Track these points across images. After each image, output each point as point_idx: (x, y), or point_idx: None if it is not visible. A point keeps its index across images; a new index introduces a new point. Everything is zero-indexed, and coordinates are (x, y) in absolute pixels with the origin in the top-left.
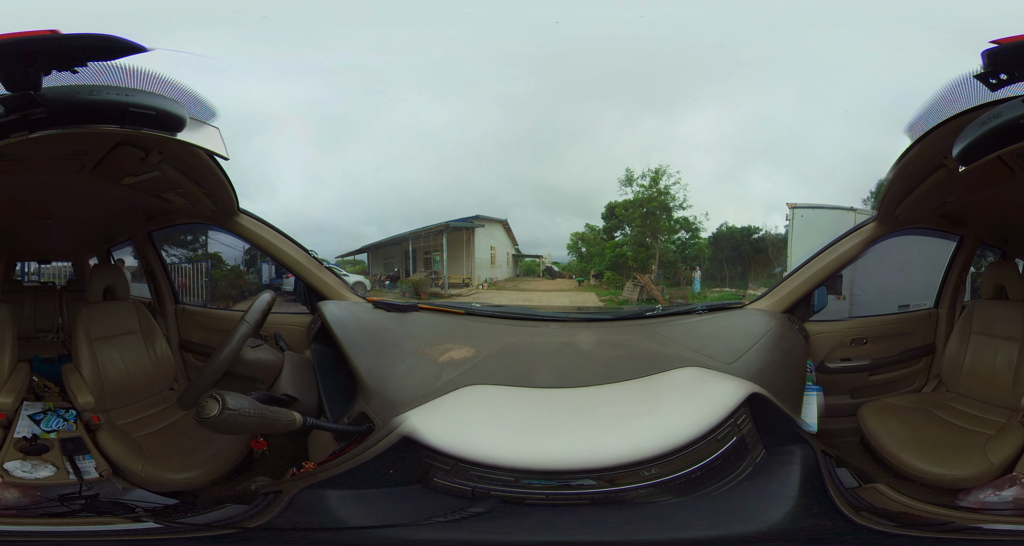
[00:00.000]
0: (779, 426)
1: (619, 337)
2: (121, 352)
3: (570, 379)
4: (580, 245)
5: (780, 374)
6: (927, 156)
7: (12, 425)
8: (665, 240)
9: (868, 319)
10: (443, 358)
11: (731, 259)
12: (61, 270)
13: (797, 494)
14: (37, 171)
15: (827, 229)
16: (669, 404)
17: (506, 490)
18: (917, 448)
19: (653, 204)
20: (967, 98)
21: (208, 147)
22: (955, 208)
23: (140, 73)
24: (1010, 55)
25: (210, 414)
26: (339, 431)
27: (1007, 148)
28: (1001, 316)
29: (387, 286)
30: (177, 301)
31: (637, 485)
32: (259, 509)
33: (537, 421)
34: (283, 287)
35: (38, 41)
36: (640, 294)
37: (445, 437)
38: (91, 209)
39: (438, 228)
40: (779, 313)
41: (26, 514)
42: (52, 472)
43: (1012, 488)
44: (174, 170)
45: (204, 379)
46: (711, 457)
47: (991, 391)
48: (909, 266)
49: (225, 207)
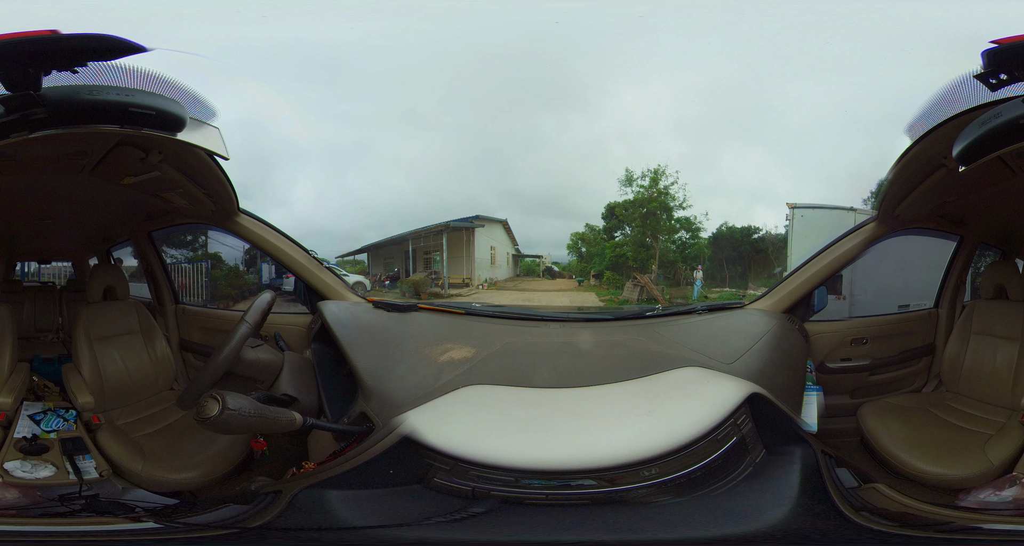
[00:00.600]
0: (779, 426)
1: (619, 337)
2: (121, 352)
3: (570, 379)
4: (580, 245)
5: (780, 374)
6: (927, 156)
7: (12, 425)
8: (665, 240)
9: (868, 319)
10: (443, 358)
11: (731, 259)
12: (61, 270)
13: (797, 494)
14: (37, 171)
15: (827, 229)
16: (669, 404)
17: (506, 490)
18: (917, 448)
19: (653, 204)
20: (967, 98)
21: (208, 147)
22: (955, 208)
23: (140, 73)
24: (1010, 55)
25: (210, 414)
26: (339, 431)
27: (1007, 148)
28: (1001, 316)
29: (387, 286)
30: (177, 301)
31: (637, 485)
32: (259, 509)
33: (537, 421)
34: (283, 287)
35: (38, 41)
36: (640, 294)
37: (445, 437)
38: (91, 209)
39: (438, 228)
40: (779, 313)
41: (26, 514)
42: (52, 472)
43: (1012, 488)
44: (174, 170)
45: (204, 379)
46: (711, 457)
47: (991, 391)
48: (909, 266)
49: (225, 207)
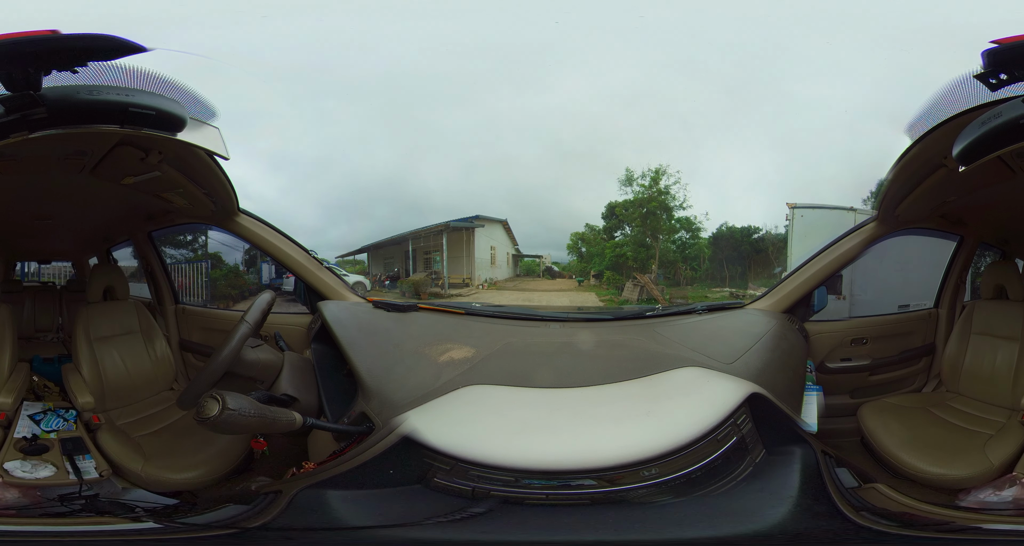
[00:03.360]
0: (779, 426)
1: (619, 337)
2: (121, 352)
3: (570, 379)
4: (580, 245)
5: (780, 374)
6: (927, 156)
7: (12, 425)
8: (665, 240)
9: (868, 319)
10: (443, 358)
11: (731, 259)
12: (61, 270)
13: (797, 494)
14: (37, 171)
15: (827, 229)
16: (669, 404)
17: (506, 490)
18: (917, 448)
19: (653, 204)
20: (967, 98)
21: (208, 147)
22: (955, 208)
23: (140, 73)
24: (1010, 55)
25: (210, 414)
26: (339, 431)
27: (1007, 148)
28: (1001, 316)
29: (387, 286)
30: (177, 301)
31: (637, 485)
32: (259, 509)
33: (537, 421)
34: (283, 287)
35: (38, 41)
36: (640, 294)
37: (445, 437)
38: (91, 209)
39: (438, 228)
40: (779, 313)
41: (26, 514)
42: (52, 472)
43: (1012, 488)
44: (174, 170)
45: (204, 379)
46: (711, 457)
47: (991, 391)
48: (909, 266)
49: (225, 207)
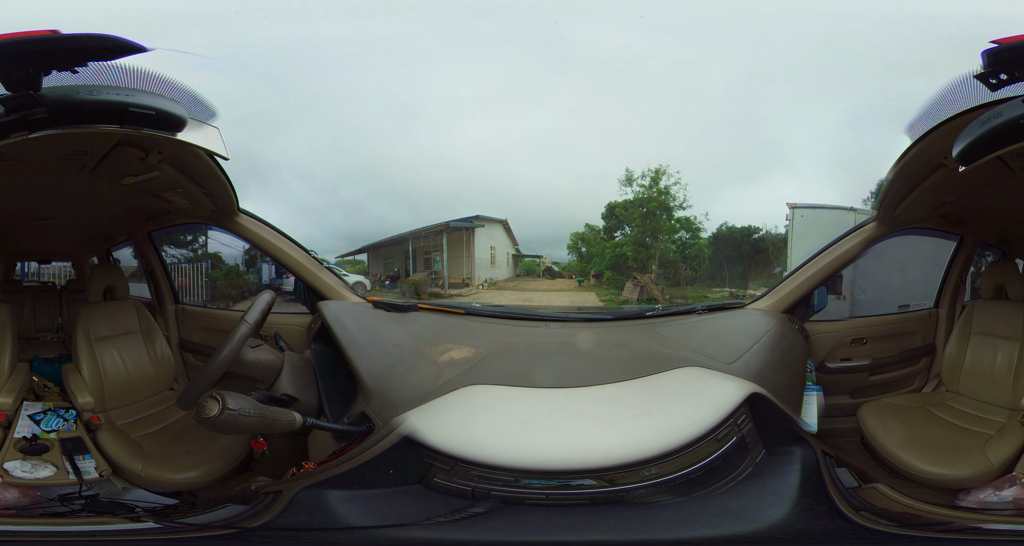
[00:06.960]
0: (779, 426)
1: (619, 337)
2: (121, 352)
3: (570, 379)
4: (580, 245)
5: (780, 374)
6: (927, 156)
7: (12, 425)
8: (665, 240)
9: (868, 319)
10: (443, 358)
11: (731, 259)
12: (61, 270)
13: (797, 494)
14: (37, 171)
15: (827, 229)
16: (669, 404)
17: (506, 490)
18: (917, 448)
19: (653, 204)
20: (967, 98)
21: (208, 147)
22: (955, 208)
23: (140, 73)
24: (1010, 55)
25: (210, 414)
26: (339, 431)
27: (1007, 148)
28: (1001, 316)
29: (387, 286)
30: (177, 301)
31: (637, 485)
32: (259, 509)
33: (537, 421)
34: (283, 287)
35: (38, 41)
36: (640, 294)
37: (445, 437)
38: (91, 209)
39: (438, 228)
40: (779, 313)
41: (26, 514)
42: (52, 472)
43: (1012, 488)
44: (174, 170)
45: (204, 379)
46: (711, 457)
47: (991, 391)
48: (909, 266)
49: (225, 207)
